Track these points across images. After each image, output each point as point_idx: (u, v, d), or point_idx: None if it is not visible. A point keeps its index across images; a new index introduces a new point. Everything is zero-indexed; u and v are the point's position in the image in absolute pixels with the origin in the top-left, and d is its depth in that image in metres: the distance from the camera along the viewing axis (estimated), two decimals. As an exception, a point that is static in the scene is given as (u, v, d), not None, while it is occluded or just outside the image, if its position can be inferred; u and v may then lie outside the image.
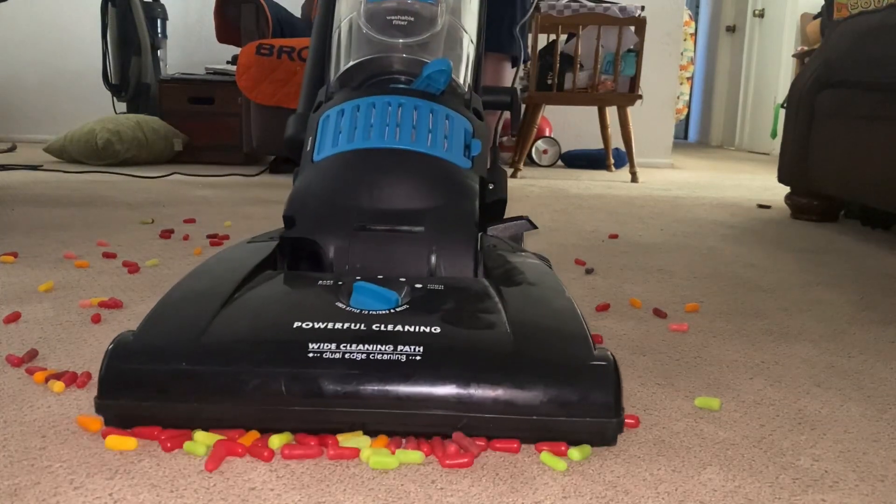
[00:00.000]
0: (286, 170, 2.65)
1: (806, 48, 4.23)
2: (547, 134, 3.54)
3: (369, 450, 0.52)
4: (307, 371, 0.53)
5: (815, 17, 4.35)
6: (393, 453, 0.52)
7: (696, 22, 5.86)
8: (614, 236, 1.52)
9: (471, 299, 0.63)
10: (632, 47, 2.81)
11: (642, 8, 2.80)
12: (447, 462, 0.51)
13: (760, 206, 2.15)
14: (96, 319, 0.82)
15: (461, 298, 0.63)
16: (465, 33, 0.90)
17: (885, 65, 1.53)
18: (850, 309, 1.00)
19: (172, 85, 2.95)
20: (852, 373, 0.75)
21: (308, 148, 0.83)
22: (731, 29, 6.39)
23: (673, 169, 3.71)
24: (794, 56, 4.48)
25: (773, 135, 4.83)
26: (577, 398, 0.53)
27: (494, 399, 0.53)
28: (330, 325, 0.57)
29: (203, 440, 0.53)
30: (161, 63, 3.38)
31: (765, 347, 0.82)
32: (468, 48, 0.91)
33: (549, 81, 2.86)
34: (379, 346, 0.55)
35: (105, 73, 3.32)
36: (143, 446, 0.53)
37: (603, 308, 0.95)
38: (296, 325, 0.57)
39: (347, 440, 0.53)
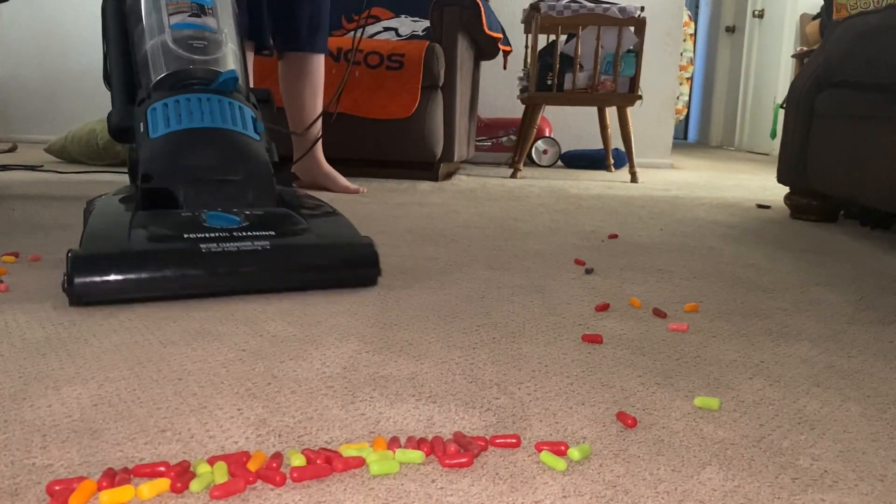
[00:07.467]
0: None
1: (805, 48, 4.23)
2: (547, 134, 3.54)
3: (372, 454, 0.51)
4: (204, 260, 0.90)
5: (815, 17, 4.36)
6: (393, 452, 0.52)
7: (696, 22, 5.87)
8: (614, 236, 1.52)
9: (285, 219, 1.03)
10: (631, 48, 2.81)
11: (642, 8, 2.80)
12: (447, 462, 0.51)
13: (760, 207, 2.15)
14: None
15: (279, 218, 1.03)
16: (239, 55, 1.27)
17: (885, 65, 1.53)
18: (849, 309, 1.00)
19: (172, 85, 2.95)
20: (852, 372, 0.75)
21: (142, 130, 1.11)
22: (730, 29, 6.40)
23: (673, 169, 3.71)
24: (793, 56, 4.48)
25: (773, 135, 4.83)
26: (355, 259, 0.99)
27: (310, 266, 0.96)
28: (208, 234, 0.93)
29: (206, 472, 0.48)
30: (161, 63, 3.37)
31: (764, 347, 0.82)
32: (242, 64, 1.28)
33: (549, 82, 2.87)
34: (243, 243, 0.93)
35: (106, 74, 3.32)
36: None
37: (603, 308, 0.95)
38: (185, 235, 0.93)
39: (349, 450, 0.52)
